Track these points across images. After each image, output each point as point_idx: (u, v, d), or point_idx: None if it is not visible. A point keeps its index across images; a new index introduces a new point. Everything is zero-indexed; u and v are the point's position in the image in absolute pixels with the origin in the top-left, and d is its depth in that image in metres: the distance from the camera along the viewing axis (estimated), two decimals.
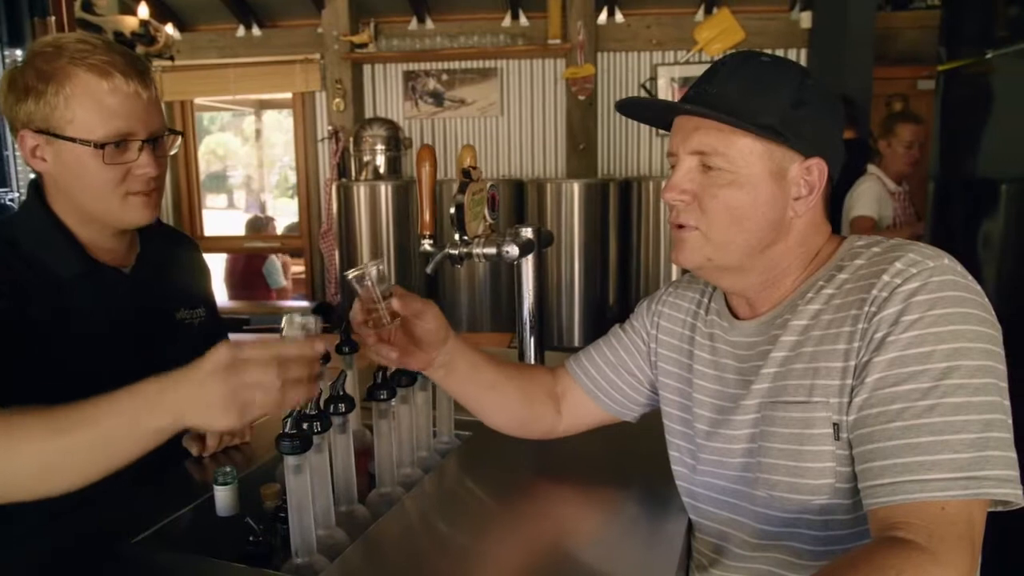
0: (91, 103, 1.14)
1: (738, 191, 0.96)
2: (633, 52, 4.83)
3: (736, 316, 1.09)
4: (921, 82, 4.66)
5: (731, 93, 0.96)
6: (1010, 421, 0.85)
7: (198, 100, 5.69)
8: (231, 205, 10.68)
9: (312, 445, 0.99)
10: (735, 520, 1.05)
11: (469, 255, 1.53)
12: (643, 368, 1.23)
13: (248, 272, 5.69)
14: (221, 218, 8.84)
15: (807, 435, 0.94)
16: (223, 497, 1.16)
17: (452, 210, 1.51)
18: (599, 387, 1.25)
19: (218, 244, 5.58)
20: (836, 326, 0.93)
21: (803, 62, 4.71)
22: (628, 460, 1.34)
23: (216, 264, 5.78)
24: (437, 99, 5.04)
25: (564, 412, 1.28)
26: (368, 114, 5.02)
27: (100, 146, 1.15)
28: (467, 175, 1.50)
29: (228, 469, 1.17)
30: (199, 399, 0.86)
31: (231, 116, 9.83)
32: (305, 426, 1.01)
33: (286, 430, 0.97)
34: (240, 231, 6.26)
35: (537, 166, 5.04)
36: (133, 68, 1.18)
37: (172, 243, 1.49)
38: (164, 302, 1.38)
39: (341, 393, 1.12)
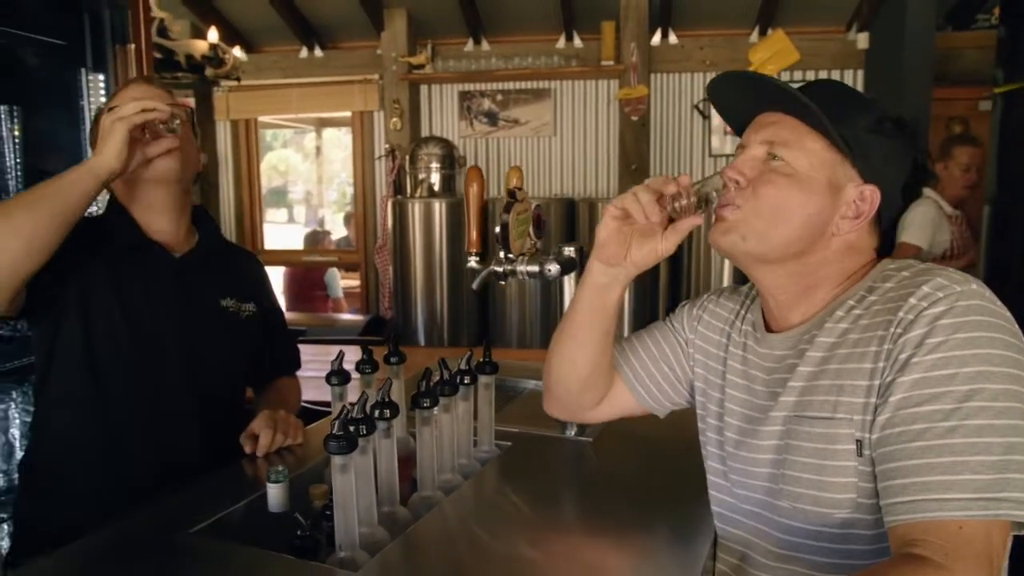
0: (115, 102, 1.43)
1: (793, 187, 1.00)
2: (686, 73, 4.85)
3: (769, 329, 1.12)
4: (983, 103, 4.55)
5: (820, 102, 0.99)
6: None
7: (271, 119, 5.93)
8: (291, 220, 11.01)
9: (357, 447, 1.05)
10: (760, 530, 1.07)
11: (513, 272, 1.59)
12: (683, 366, 1.25)
13: (306, 284, 5.86)
14: (282, 232, 9.13)
15: (830, 450, 0.96)
16: (275, 494, 1.24)
17: (497, 229, 1.57)
18: (637, 376, 1.27)
19: (277, 257, 5.77)
20: (863, 345, 0.96)
21: (859, 83, 4.66)
22: (662, 475, 1.38)
23: (275, 276, 5.97)
24: (491, 119, 5.14)
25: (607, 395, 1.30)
26: (424, 133, 5.15)
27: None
28: (512, 195, 1.56)
29: (280, 468, 1.25)
30: (100, 140, 1.31)
31: (292, 133, 10.14)
32: (352, 428, 1.08)
33: (334, 431, 1.04)
34: (297, 245, 6.45)
35: (589, 186, 5.09)
36: (145, 79, 1.56)
37: (233, 249, 1.72)
38: (209, 288, 1.53)
39: (387, 400, 1.18)
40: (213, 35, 3.29)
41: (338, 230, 7.30)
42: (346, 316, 5.56)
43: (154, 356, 1.42)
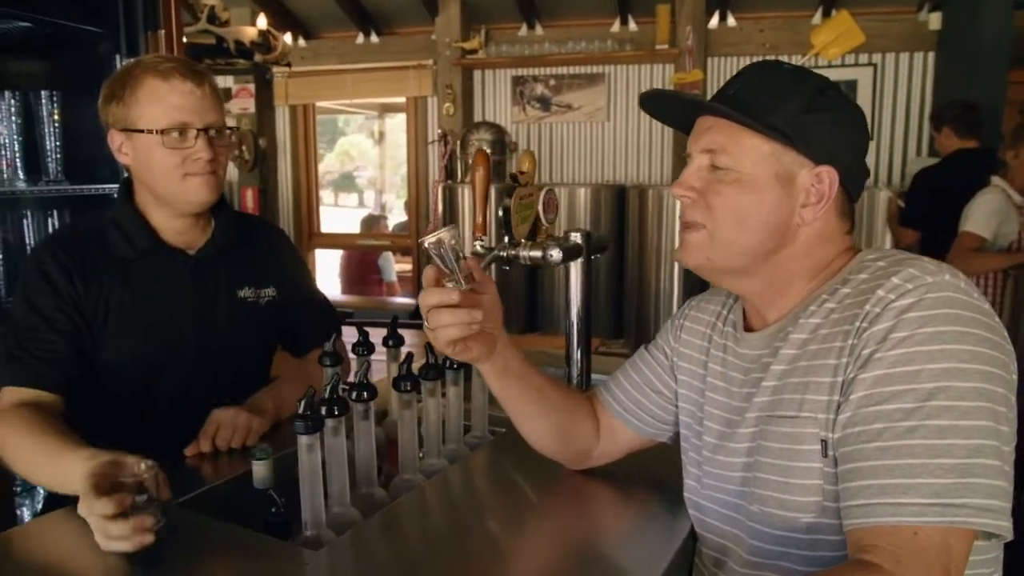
0: (156, 100, 1.36)
1: (742, 191, 0.96)
2: (745, 56, 4.70)
3: (749, 329, 1.08)
4: None
5: (745, 95, 0.98)
6: (1007, 449, 0.81)
7: (330, 104, 6.04)
8: (361, 204, 11.24)
9: (323, 427, 1.07)
10: (735, 535, 1.03)
11: (516, 257, 1.57)
12: (669, 384, 1.20)
13: (362, 268, 5.97)
14: (350, 216, 9.30)
15: (796, 451, 0.92)
16: (259, 471, 1.26)
17: (500, 213, 1.55)
18: (627, 408, 1.23)
19: (332, 241, 5.89)
20: (830, 341, 0.92)
21: (930, 67, 4.44)
22: (652, 465, 1.34)
23: (331, 260, 6.10)
24: (544, 104, 5.11)
25: (601, 435, 1.27)
26: (477, 118, 5.16)
27: (162, 132, 1.35)
28: (515, 180, 1.55)
29: (265, 446, 1.27)
30: (84, 506, 1.04)
31: (364, 119, 10.30)
32: (324, 409, 1.10)
33: (299, 412, 1.06)
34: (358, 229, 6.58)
35: (642, 172, 5.01)
36: (189, 71, 1.39)
37: (250, 228, 1.63)
38: (226, 281, 1.52)
39: (364, 382, 1.19)
40: (262, 21, 3.36)
41: (401, 215, 7.40)
42: (397, 299, 5.64)
43: (173, 357, 1.44)
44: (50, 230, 2.12)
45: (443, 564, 1.04)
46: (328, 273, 6.05)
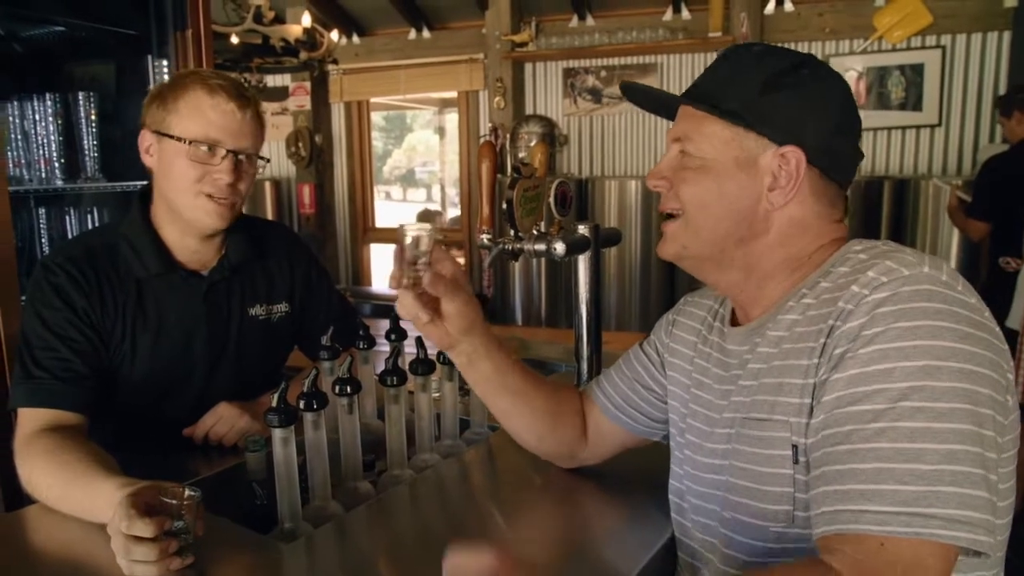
0: (195, 111, 1.35)
1: (704, 177, 0.94)
2: (803, 43, 4.53)
3: (735, 325, 1.03)
4: None
5: (710, 82, 0.97)
6: (993, 456, 0.75)
7: (391, 100, 6.11)
8: (429, 198, 11.38)
9: (295, 420, 1.07)
10: (710, 542, 0.99)
11: (520, 251, 1.55)
12: (660, 382, 1.16)
13: None
14: (417, 211, 9.40)
15: (766, 455, 0.87)
16: (252, 462, 1.27)
17: (504, 205, 1.53)
18: (617, 405, 1.19)
19: (386, 235, 5.96)
20: (804, 340, 0.86)
21: (1005, 47, 4.17)
22: (651, 468, 1.30)
23: (387, 254, 6.18)
24: (596, 96, 5.04)
25: (588, 434, 1.23)
26: (528, 111, 5.13)
27: (190, 143, 1.34)
28: (517, 171, 1.52)
29: (258, 437, 1.28)
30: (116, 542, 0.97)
31: (432, 114, 10.40)
32: (302, 404, 1.10)
33: (273, 405, 1.06)
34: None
35: None
36: (237, 92, 1.38)
37: (263, 241, 1.57)
38: (239, 300, 1.50)
39: (348, 376, 1.19)
40: (306, 19, 3.41)
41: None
42: None
43: (185, 377, 1.45)
44: (90, 226, 2.21)
45: (419, 558, 1.03)
46: (384, 267, 6.13)
